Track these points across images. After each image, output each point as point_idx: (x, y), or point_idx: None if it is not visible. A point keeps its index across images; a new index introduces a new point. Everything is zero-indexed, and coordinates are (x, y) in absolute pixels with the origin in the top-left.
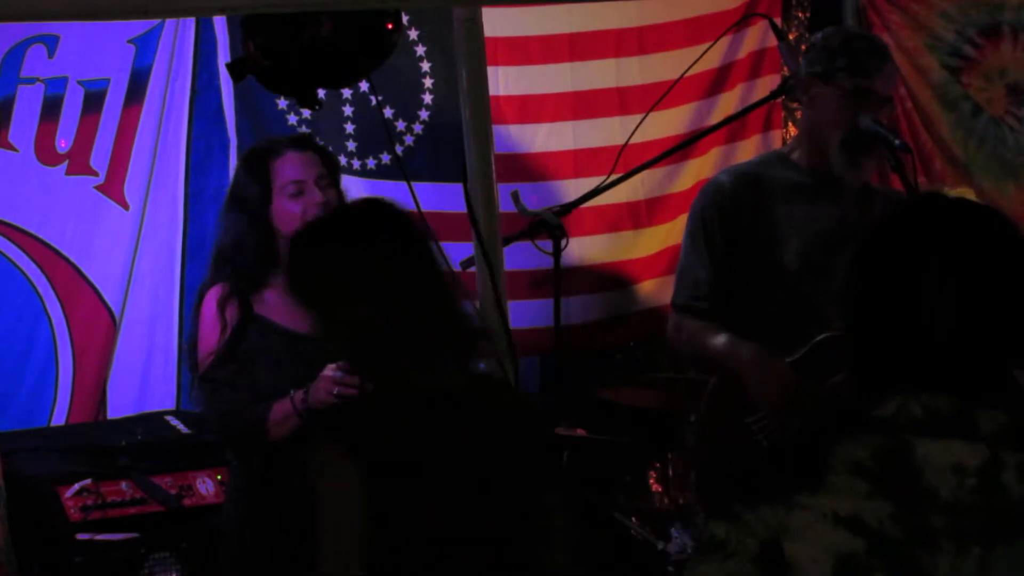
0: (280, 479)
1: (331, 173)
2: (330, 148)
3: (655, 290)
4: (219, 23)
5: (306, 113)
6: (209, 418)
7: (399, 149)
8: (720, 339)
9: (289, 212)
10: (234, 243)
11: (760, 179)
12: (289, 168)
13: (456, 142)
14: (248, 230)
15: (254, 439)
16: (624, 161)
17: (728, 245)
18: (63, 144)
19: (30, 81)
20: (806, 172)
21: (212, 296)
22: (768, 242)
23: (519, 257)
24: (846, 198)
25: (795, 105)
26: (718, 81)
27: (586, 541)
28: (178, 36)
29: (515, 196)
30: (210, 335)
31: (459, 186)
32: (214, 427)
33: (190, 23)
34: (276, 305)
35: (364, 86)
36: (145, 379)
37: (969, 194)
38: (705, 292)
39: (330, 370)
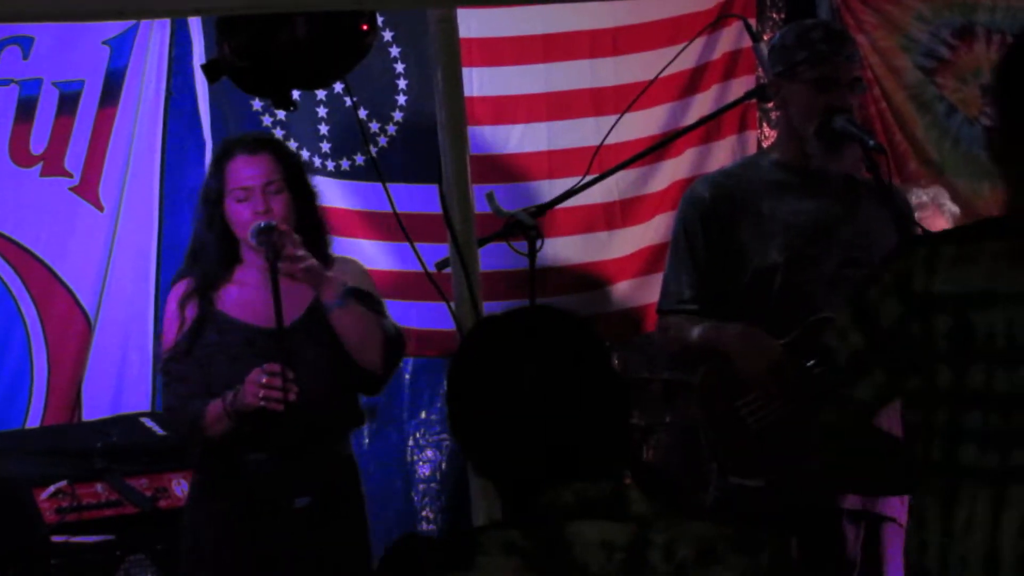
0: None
1: (287, 176)
2: (304, 149)
3: (630, 291)
4: (194, 24)
5: (281, 114)
6: (162, 412)
7: (373, 150)
8: (707, 325)
9: (237, 215)
10: (197, 240)
11: (741, 181)
12: (238, 172)
13: (431, 143)
14: (207, 229)
15: (192, 436)
16: (599, 162)
17: (713, 251)
18: (37, 146)
19: (4, 83)
20: (787, 170)
21: (175, 292)
22: (753, 241)
23: (495, 258)
24: (829, 190)
25: (770, 105)
26: (693, 82)
27: None
28: (153, 38)
29: (490, 197)
30: (169, 330)
31: (434, 187)
32: (166, 423)
33: (165, 24)
34: (237, 301)
35: (338, 87)
36: (120, 381)
37: (944, 194)
38: (691, 296)
39: (256, 374)
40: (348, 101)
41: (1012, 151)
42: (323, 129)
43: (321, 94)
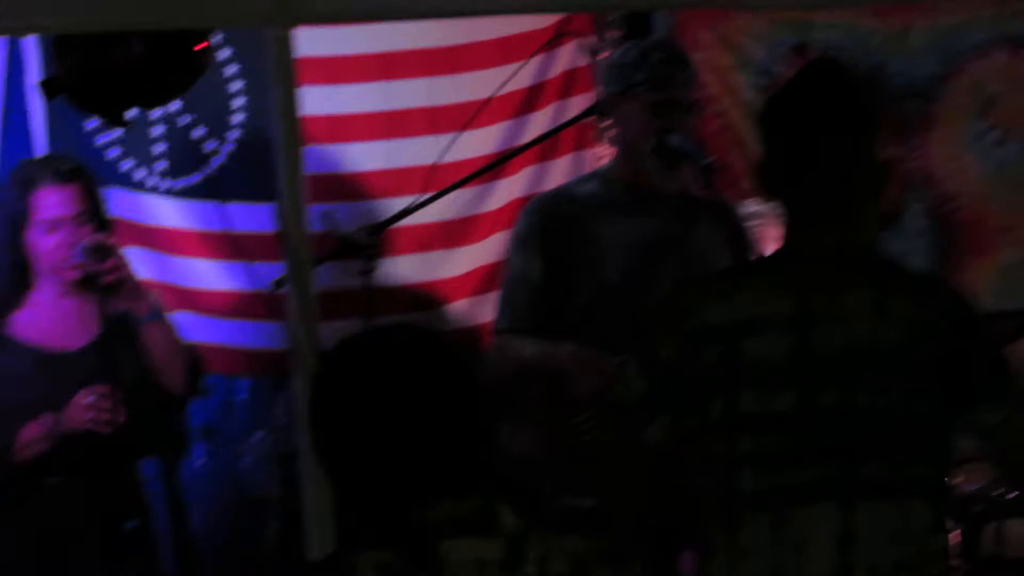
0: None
1: (93, 208)
2: (140, 168)
3: (467, 310)
4: (29, 43)
5: (116, 133)
6: None
7: (209, 169)
8: (541, 345)
9: (43, 247)
10: None
11: (579, 197)
12: (48, 203)
13: (267, 162)
14: (2, 254)
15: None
16: (436, 180)
17: (548, 265)
18: None
19: None
20: (622, 188)
21: None
22: (589, 260)
23: (330, 277)
24: (664, 210)
25: (606, 123)
26: (530, 100)
27: None
28: None
29: (327, 216)
30: None
31: (270, 206)
32: None
33: (0, 43)
34: (29, 324)
35: (174, 106)
36: None
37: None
38: (527, 314)
39: (83, 395)
40: (184, 120)
41: (776, 183)
42: (158, 148)
43: (157, 113)
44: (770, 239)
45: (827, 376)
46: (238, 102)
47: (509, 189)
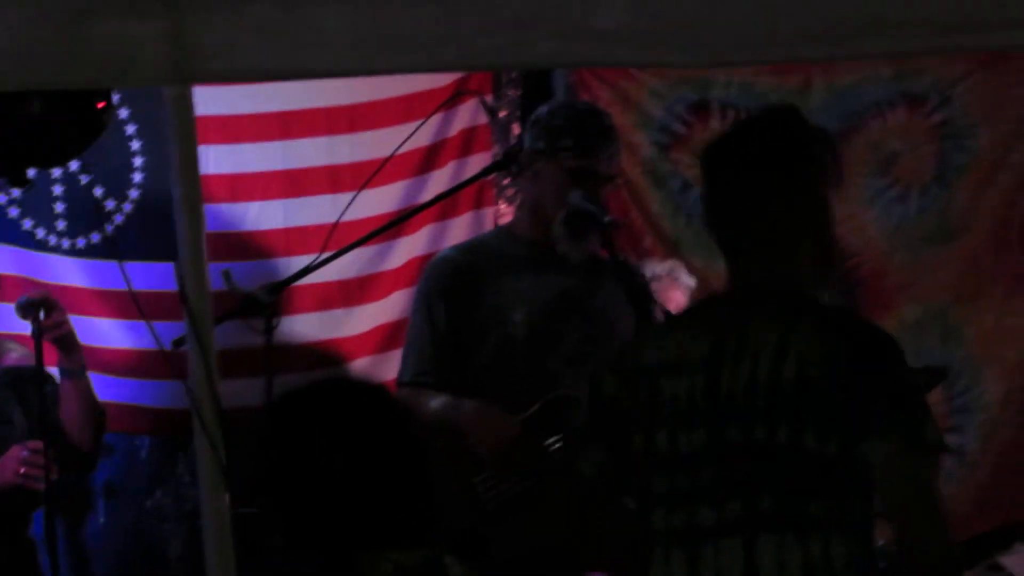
0: None
1: None
2: (40, 227)
3: (368, 368)
4: None
5: (15, 192)
6: None
7: (109, 228)
8: (443, 400)
9: None
10: None
11: (484, 253)
12: None
13: (167, 221)
14: None
15: None
16: (336, 239)
17: (453, 320)
18: None
19: None
20: (529, 245)
21: None
22: (494, 313)
23: (232, 336)
24: (570, 267)
25: (506, 182)
26: (429, 159)
27: None
28: None
29: (226, 275)
30: None
31: (170, 265)
32: None
33: None
34: None
35: (74, 165)
36: None
37: (680, 268)
38: (431, 367)
39: (17, 450)
40: (84, 179)
41: (709, 224)
42: (59, 207)
43: (57, 172)
44: (671, 300)
45: (732, 414)
46: (138, 161)
47: (409, 247)
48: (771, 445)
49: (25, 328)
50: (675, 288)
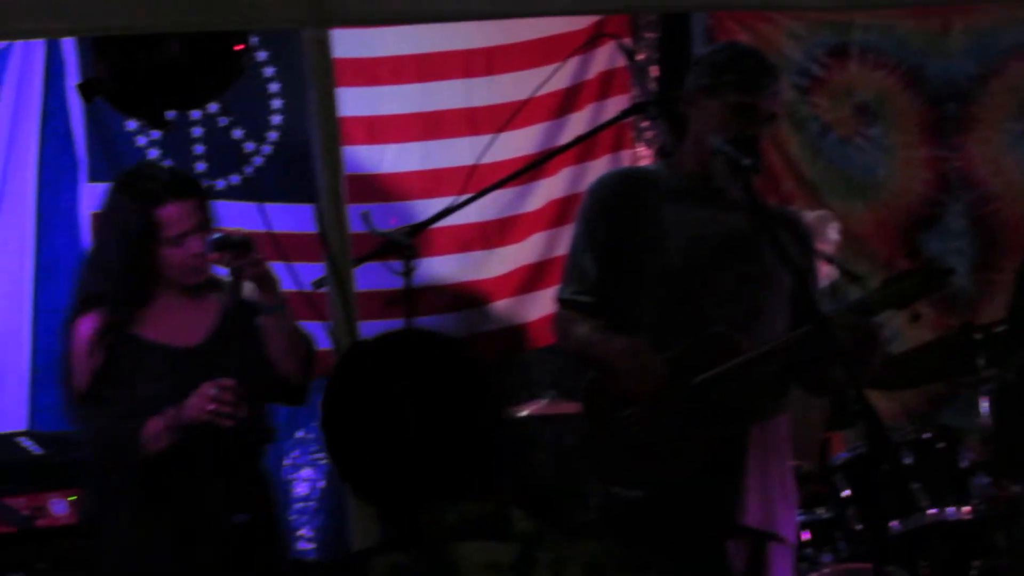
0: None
1: (207, 215)
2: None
3: (508, 309)
4: (68, 45)
5: (155, 134)
6: (87, 438)
7: (249, 170)
8: (596, 334)
9: (171, 258)
10: (114, 273)
11: (647, 180)
12: (174, 218)
13: (306, 163)
14: (129, 267)
15: (128, 456)
16: (474, 181)
17: (612, 242)
18: None
19: None
20: (691, 179)
21: (87, 322)
22: (652, 241)
23: (371, 277)
24: (732, 206)
25: (645, 125)
26: (567, 101)
27: None
28: (27, 58)
29: (366, 216)
30: (83, 358)
31: (310, 207)
32: (91, 446)
33: (39, 45)
34: (154, 324)
35: (213, 107)
36: None
37: (830, 220)
38: (590, 287)
39: (207, 388)
40: (223, 121)
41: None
42: (198, 149)
43: (196, 114)
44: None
45: None
46: (276, 104)
47: (548, 190)
48: None
49: None
50: (822, 242)
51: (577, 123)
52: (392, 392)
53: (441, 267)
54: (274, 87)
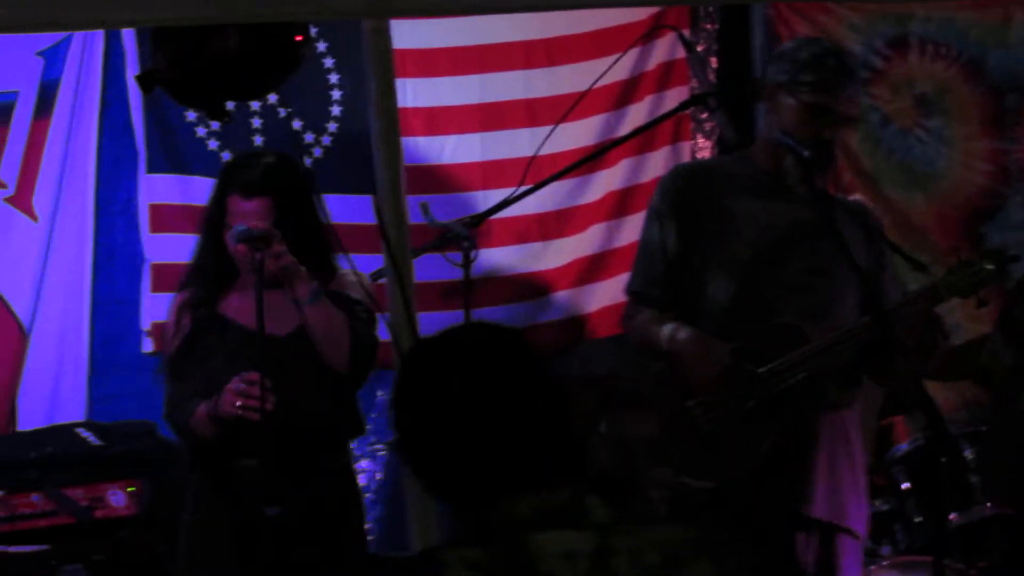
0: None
1: (282, 215)
2: None
3: (566, 301)
4: (128, 35)
5: (215, 125)
6: (165, 413)
7: (308, 161)
8: (663, 324)
9: (231, 248)
10: (198, 256)
11: (717, 173)
12: (237, 209)
13: (365, 154)
14: (206, 250)
15: (185, 435)
16: (533, 173)
17: (682, 236)
18: None
19: None
20: (763, 172)
21: (177, 299)
22: (721, 234)
23: (429, 268)
24: (804, 200)
25: (704, 116)
26: (627, 92)
27: None
28: (87, 49)
29: (424, 208)
30: (171, 332)
31: (368, 198)
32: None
33: (99, 35)
34: (237, 306)
35: (272, 98)
36: (55, 391)
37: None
38: (658, 279)
39: (234, 383)
40: (282, 112)
41: None
42: (257, 140)
43: (256, 105)
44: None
45: None
46: (336, 95)
47: (607, 181)
48: None
49: None
50: None
51: (636, 114)
52: (462, 386)
53: (500, 258)
54: (334, 78)
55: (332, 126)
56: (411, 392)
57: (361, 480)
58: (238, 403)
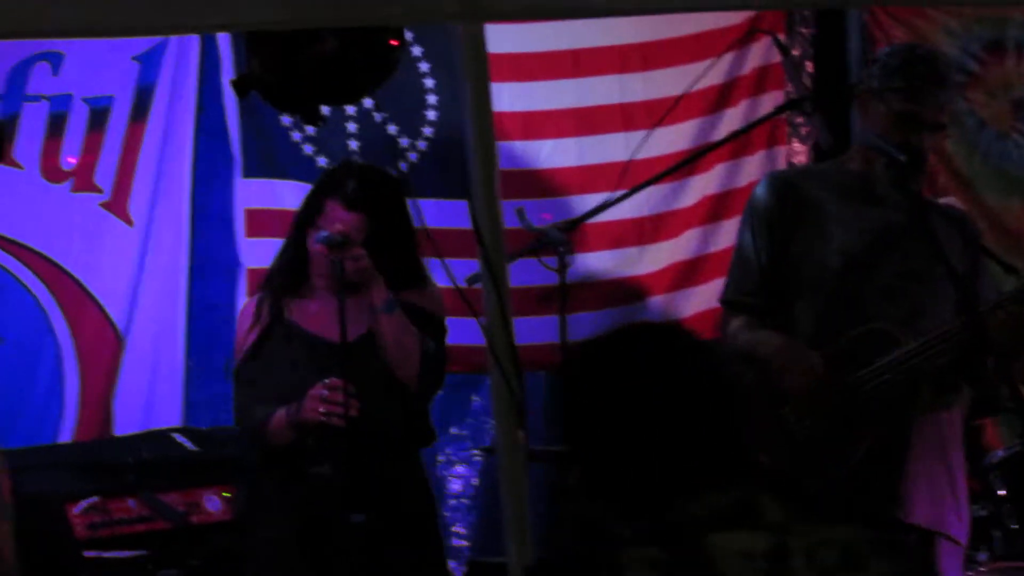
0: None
1: (375, 230)
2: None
3: (661, 306)
4: (223, 40)
5: (310, 130)
6: (235, 418)
7: (404, 166)
8: (756, 332)
9: (312, 251)
10: (278, 256)
11: (815, 178)
12: (331, 217)
13: (460, 159)
14: (287, 247)
15: (255, 441)
16: (629, 177)
17: (776, 244)
18: (68, 161)
19: (35, 99)
20: (857, 177)
21: (251, 302)
22: (814, 240)
23: (525, 273)
24: (895, 205)
25: (800, 120)
26: (722, 97)
27: None
28: (182, 53)
29: (520, 213)
30: (241, 335)
31: (464, 203)
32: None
33: (194, 40)
34: (307, 313)
35: (368, 103)
36: (151, 396)
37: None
38: (753, 288)
39: (318, 389)
40: (378, 117)
41: None
42: (353, 145)
43: (351, 110)
44: None
45: None
46: (431, 99)
47: (703, 185)
48: None
49: None
50: None
51: (731, 119)
52: (634, 387)
53: (595, 263)
54: (429, 83)
55: (428, 130)
56: (584, 395)
57: (457, 485)
58: (321, 409)
